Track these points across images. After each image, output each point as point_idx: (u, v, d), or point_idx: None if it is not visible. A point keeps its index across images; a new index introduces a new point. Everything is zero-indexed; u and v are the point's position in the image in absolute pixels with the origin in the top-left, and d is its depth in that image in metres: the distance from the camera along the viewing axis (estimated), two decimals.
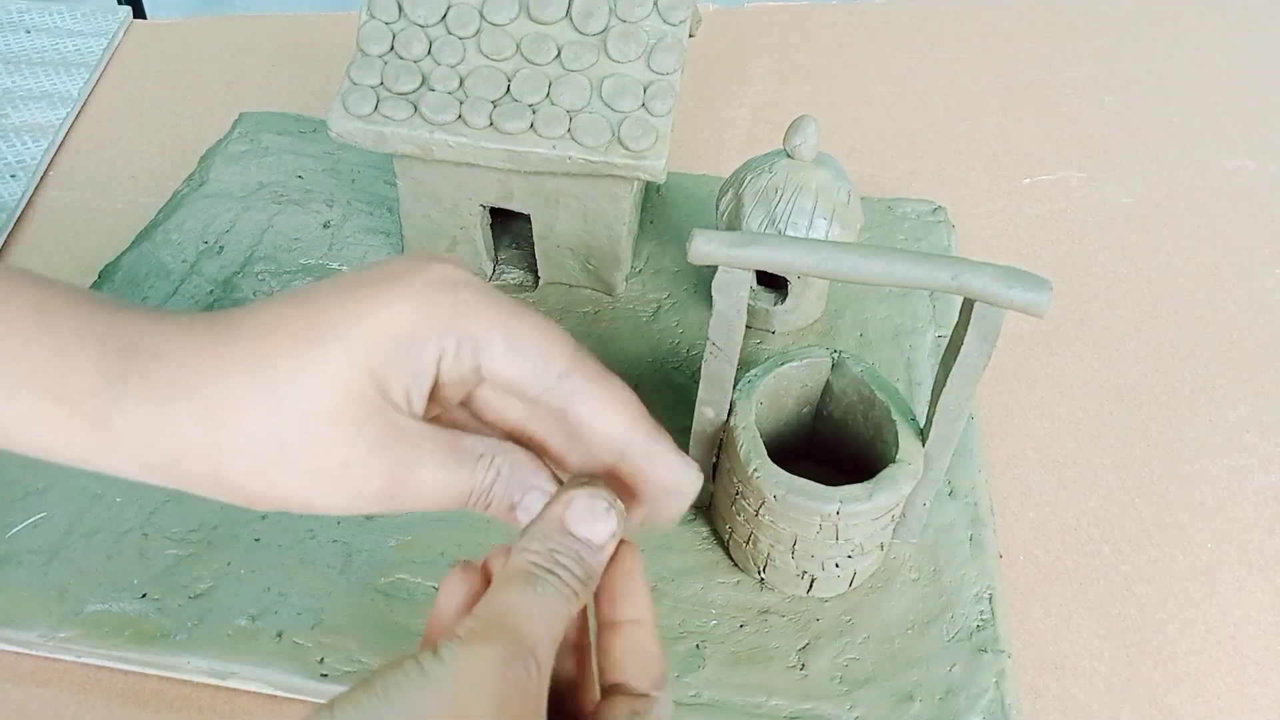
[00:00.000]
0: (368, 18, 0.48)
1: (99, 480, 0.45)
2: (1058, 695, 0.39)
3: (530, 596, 0.26)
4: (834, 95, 0.77)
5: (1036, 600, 0.42)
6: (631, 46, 0.47)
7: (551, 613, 0.26)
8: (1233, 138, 0.72)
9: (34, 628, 0.39)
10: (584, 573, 0.27)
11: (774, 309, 0.52)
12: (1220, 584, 0.43)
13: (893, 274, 0.34)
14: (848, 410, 0.42)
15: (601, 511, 0.28)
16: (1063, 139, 0.72)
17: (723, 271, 0.36)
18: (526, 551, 0.27)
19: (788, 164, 0.48)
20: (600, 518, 0.28)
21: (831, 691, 0.38)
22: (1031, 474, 0.48)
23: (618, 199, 0.50)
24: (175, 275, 0.56)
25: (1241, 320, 0.56)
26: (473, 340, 0.27)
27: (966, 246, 0.61)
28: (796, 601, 0.41)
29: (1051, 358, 0.54)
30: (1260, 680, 0.40)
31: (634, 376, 0.51)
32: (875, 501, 0.37)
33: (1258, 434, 0.50)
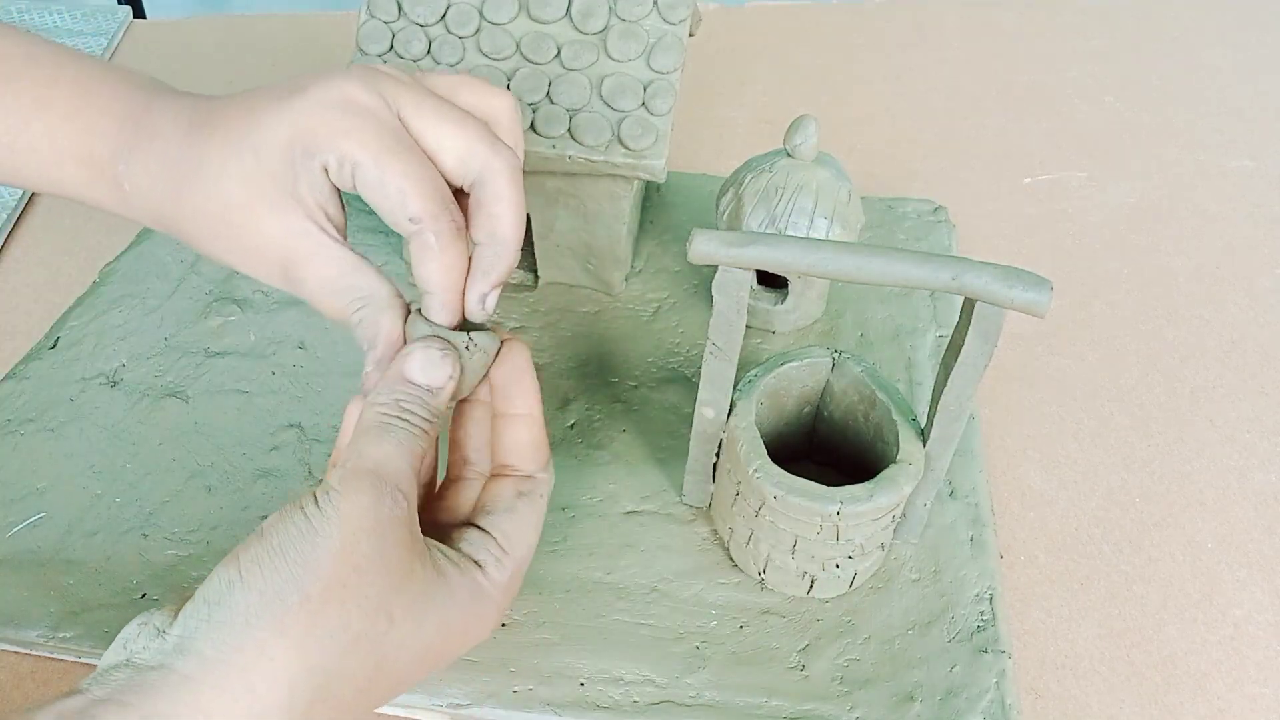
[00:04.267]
0: (367, 17, 0.48)
1: (99, 480, 0.45)
2: (1058, 695, 0.39)
3: (387, 442, 0.30)
4: (834, 95, 0.77)
5: (1037, 600, 0.42)
6: (631, 46, 0.47)
7: (407, 451, 0.30)
8: (1233, 138, 0.72)
9: (34, 628, 0.39)
10: (429, 413, 0.31)
11: (774, 309, 0.52)
12: (1220, 584, 0.43)
13: (893, 274, 0.34)
14: (848, 410, 0.42)
15: (436, 359, 0.32)
16: (1063, 139, 0.72)
17: (723, 271, 0.36)
18: (376, 405, 0.31)
19: (788, 163, 0.48)
20: (435, 364, 0.32)
21: (832, 692, 0.38)
22: (1032, 474, 0.48)
23: (618, 198, 0.50)
24: (175, 275, 0.56)
25: (1241, 320, 0.56)
26: (351, 162, 0.32)
27: (967, 246, 0.61)
28: (797, 602, 0.41)
29: (1051, 358, 0.54)
30: (1260, 680, 0.40)
31: (634, 376, 0.51)
32: (876, 502, 0.37)
33: (1258, 434, 0.50)
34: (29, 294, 0.56)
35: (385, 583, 0.28)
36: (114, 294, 0.54)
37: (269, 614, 0.26)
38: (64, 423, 0.47)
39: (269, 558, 0.27)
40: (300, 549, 0.27)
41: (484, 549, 0.32)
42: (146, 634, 0.27)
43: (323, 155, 0.32)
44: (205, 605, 0.27)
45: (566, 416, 0.49)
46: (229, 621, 0.26)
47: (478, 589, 0.31)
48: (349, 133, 0.32)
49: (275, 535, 0.28)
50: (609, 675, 0.38)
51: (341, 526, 0.28)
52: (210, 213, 0.33)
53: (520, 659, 0.39)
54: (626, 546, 0.43)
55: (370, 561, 0.28)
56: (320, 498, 0.28)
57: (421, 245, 0.32)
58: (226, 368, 0.50)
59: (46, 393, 0.49)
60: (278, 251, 0.33)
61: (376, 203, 0.32)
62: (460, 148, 0.33)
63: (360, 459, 0.29)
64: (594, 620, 0.40)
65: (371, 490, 0.28)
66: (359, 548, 0.28)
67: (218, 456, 0.46)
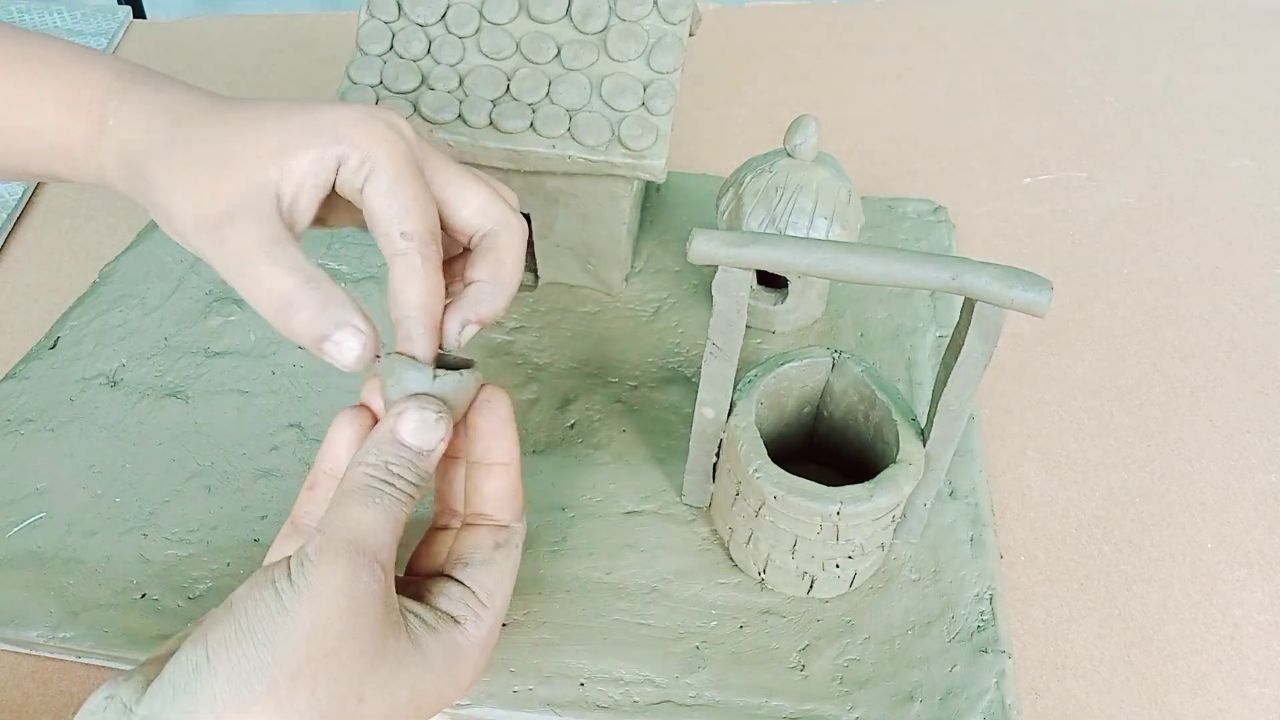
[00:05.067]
0: (367, 17, 0.48)
1: (99, 480, 0.45)
2: (1058, 695, 0.39)
3: (371, 510, 0.29)
4: (834, 95, 0.77)
5: (1037, 600, 0.42)
6: (631, 45, 0.47)
7: (390, 519, 0.29)
8: (1233, 138, 0.72)
9: (34, 628, 0.39)
10: (417, 477, 0.30)
11: (774, 309, 0.52)
12: (1220, 584, 0.43)
13: (893, 274, 0.34)
14: (848, 410, 0.42)
15: (431, 422, 0.31)
16: (1063, 139, 0.72)
17: (723, 271, 0.36)
18: (363, 465, 0.30)
19: (788, 163, 0.48)
20: (430, 427, 0.31)
21: (832, 692, 0.38)
22: (1032, 474, 0.48)
23: (618, 198, 0.50)
24: (175, 275, 0.56)
25: (1241, 320, 0.56)
26: (371, 164, 0.32)
27: (967, 246, 0.61)
28: (797, 602, 0.41)
29: (1051, 358, 0.54)
30: (1260, 680, 0.40)
31: (634, 376, 0.51)
32: (876, 502, 0.37)
33: (1258, 434, 0.50)
34: (29, 294, 0.56)
35: (357, 664, 0.27)
36: (114, 294, 0.54)
37: (235, 703, 0.26)
38: (64, 423, 0.47)
39: (237, 640, 0.26)
40: (269, 631, 0.26)
41: (463, 604, 0.31)
42: (113, 708, 0.26)
43: (346, 148, 0.32)
44: (171, 689, 0.26)
45: (566, 416, 0.49)
46: (194, 710, 0.26)
47: (455, 649, 0.31)
48: (380, 141, 0.32)
49: (245, 615, 0.27)
50: (609, 675, 0.38)
51: (314, 606, 0.27)
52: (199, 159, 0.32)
53: (520, 659, 0.39)
54: (626, 546, 0.43)
55: (342, 642, 0.27)
56: (294, 570, 0.27)
57: (408, 265, 0.32)
58: (226, 368, 0.50)
59: (46, 393, 0.49)
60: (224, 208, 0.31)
61: (377, 210, 0.32)
62: (482, 200, 0.34)
63: (340, 527, 0.29)
64: (594, 620, 0.40)
65: (349, 564, 0.28)
66: (331, 628, 0.27)
67: (218, 456, 0.46)
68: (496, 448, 0.34)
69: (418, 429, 0.30)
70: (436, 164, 0.34)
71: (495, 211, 0.35)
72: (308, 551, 0.28)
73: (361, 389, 0.35)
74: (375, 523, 0.29)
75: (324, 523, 0.29)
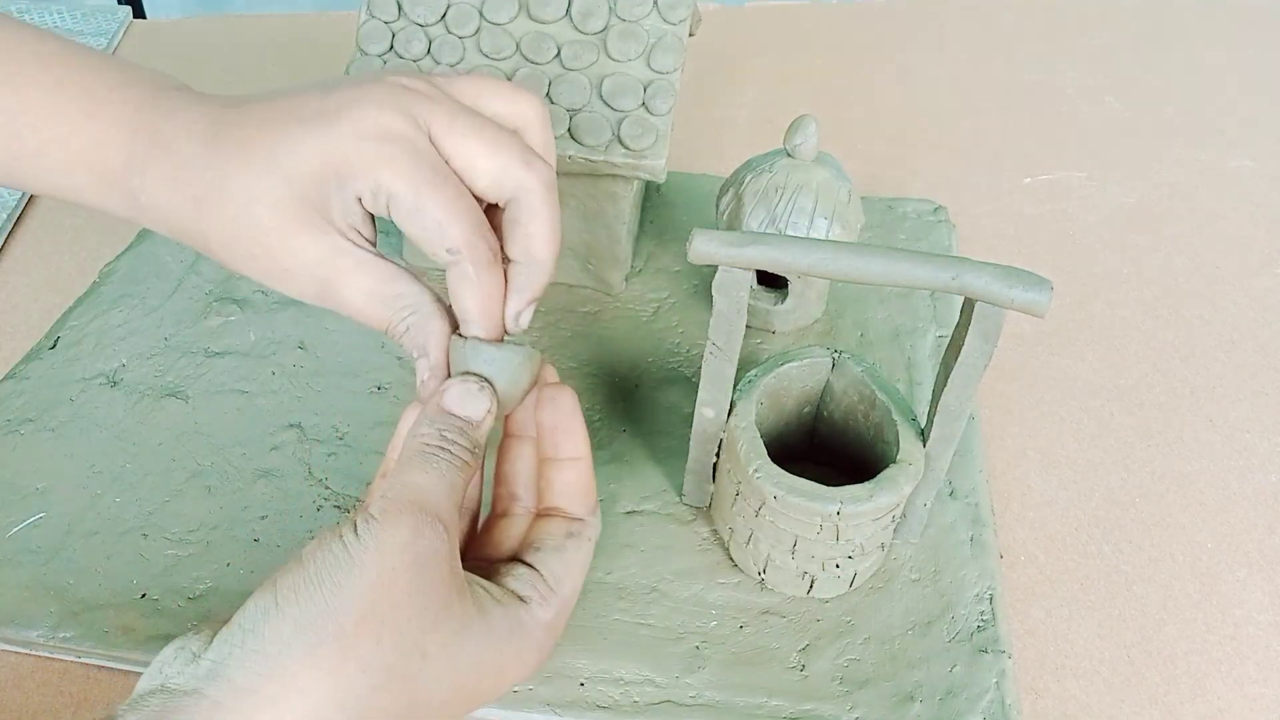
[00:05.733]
0: (367, 17, 0.48)
1: (99, 480, 0.45)
2: (1058, 695, 0.39)
3: (430, 473, 0.30)
4: (834, 95, 0.77)
5: (1037, 600, 0.42)
6: (631, 45, 0.47)
7: (449, 483, 0.30)
8: (1233, 138, 0.72)
9: (34, 628, 0.39)
10: (470, 443, 0.31)
11: (774, 309, 0.52)
12: (1220, 584, 0.43)
13: (894, 274, 0.34)
14: (848, 410, 0.42)
15: (474, 392, 0.32)
16: (1063, 139, 0.72)
17: (723, 271, 0.36)
18: (419, 435, 0.31)
19: (788, 163, 0.48)
20: (473, 397, 0.32)
21: (832, 692, 0.38)
22: (1032, 474, 0.48)
23: (618, 198, 0.50)
24: (175, 275, 0.56)
25: (1241, 320, 0.56)
26: (386, 193, 0.32)
27: (967, 246, 0.61)
28: (797, 602, 0.41)
29: (1051, 358, 0.54)
30: (1260, 680, 0.40)
31: (634, 376, 0.51)
32: (876, 502, 0.37)
33: (1258, 434, 0.50)
34: (29, 294, 0.56)
35: (421, 618, 0.28)
36: (114, 294, 0.54)
37: (302, 644, 0.26)
38: (64, 423, 0.47)
39: (305, 586, 0.27)
40: (337, 579, 0.27)
41: (530, 585, 0.32)
42: (182, 658, 0.27)
43: (358, 185, 0.32)
44: (240, 631, 0.26)
45: None
46: (261, 650, 0.26)
47: (520, 625, 0.31)
48: (385, 162, 0.31)
49: (313, 563, 0.27)
50: (609, 675, 0.38)
51: (380, 558, 0.27)
52: (240, 235, 0.33)
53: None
54: (626, 546, 0.43)
55: (407, 596, 0.27)
56: (360, 526, 0.28)
57: (460, 275, 0.32)
58: (226, 368, 0.50)
59: (46, 393, 0.49)
60: (314, 271, 0.33)
61: (413, 233, 0.32)
62: (494, 168, 0.33)
63: (402, 489, 0.29)
64: (594, 620, 0.40)
65: (411, 522, 0.28)
66: (397, 581, 0.27)
67: (218, 456, 0.46)
68: (565, 442, 0.35)
69: (462, 398, 0.32)
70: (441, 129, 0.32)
71: (509, 179, 0.33)
72: (371, 511, 0.28)
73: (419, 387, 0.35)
74: (434, 485, 0.29)
75: (385, 488, 0.29)
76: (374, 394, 0.49)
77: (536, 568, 0.33)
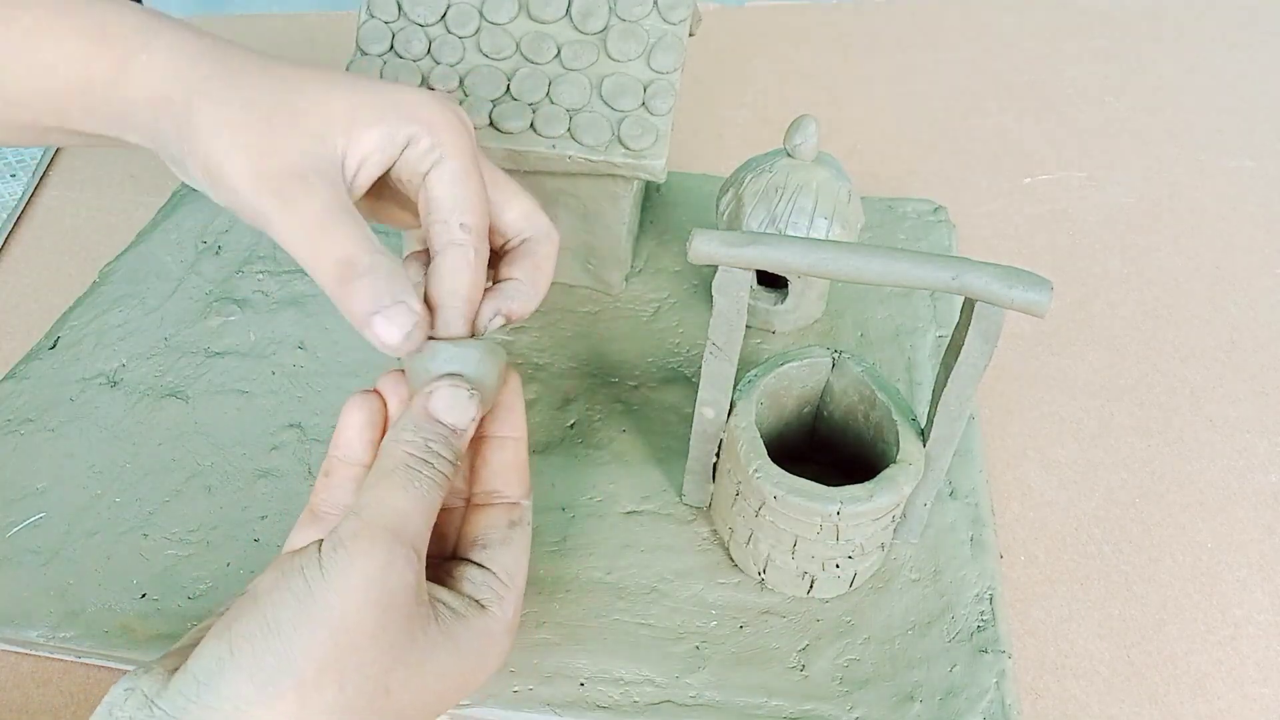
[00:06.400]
0: (367, 17, 0.48)
1: (99, 480, 0.45)
2: (1058, 696, 0.39)
3: (411, 492, 0.28)
4: (834, 95, 0.77)
5: (1037, 600, 0.42)
6: (631, 45, 0.47)
7: (428, 504, 0.29)
8: (1233, 138, 0.72)
9: (34, 628, 0.39)
10: (453, 455, 0.30)
11: (774, 309, 0.52)
12: (1220, 584, 0.43)
13: (893, 274, 0.34)
14: (848, 410, 0.42)
15: (464, 399, 0.31)
16: (1063, 139, 0.72)
17: (723, 271, 0.36)
18: (401, 442, 0.30)
19: (788, 163, 0.48)
20: (464, 405, 0.31)
21: (832, 692, 0.38)
22: (1032, 474, 0.48)
23: (618, 198, 0.50)
24: (175, 275, 0.56)
25: (1241, 320, 0.56)
26: (441, 150, 0.31)
27: (967, 246, 0.61)
28: (797, 602, 0.41)
29: (1051, 358, 0.54)
30: (1260, 680, 0.40)
31: (634, 376, 0.51)
32: (876, 502, 0.37)
33: (1258, 434, 0.50)
34: (29, 294, 0.56)
35: (385, 658, 0.27)
36: (114, 294, 0.54)
37: (261, 699, 0.25)
38: (64, 423, 0.47)
39: (262, 634, 0.25)
40: (296, 624, 0.25)
41: (486, 587, 0.31)
42: (134, 701, 0.26)
43: (417, 130, 0.31)
44: (194, 684, 0.25)
45: (566, 416, 0.49)
46: (218, 706, 0.25)
47: (485, 634, 0.30)
48: (451, 129, 0.32)
49: (270, 605, 0.26)
50: (609, 675, 0.38)
51: (344, 597, 0.26)
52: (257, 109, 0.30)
53: (520, 659, 0.39)
54: (626, 546, 0.43)
55: (371, 638, 0.26)
56: (326, 556, 0.26)
57: (462, 256, 0.32)
58: (226, 368, 0.50)
59: (46, 393, 0.49)
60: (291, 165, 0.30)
61: (442, 196, 0.32)
62: (527, 207, 0.35)
63: (378, 510, 0.28)
64: (594, 620, 0.40)
65: (385, 552, 0.27)
66: (362, 623, 0.26)
67: (218, 456, 0.46)
68: (507, 421, 0.34)
69: (451, 404, 0.30)
70: (486, 164, 0.34)
71: (539, 220, 0.35)
72: (341, 535, 0.27)
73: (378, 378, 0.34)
74: (414, 507, 0.28)
75: (360, 504, 0.28)
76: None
77: (489, 567, 0.32)
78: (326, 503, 0.33)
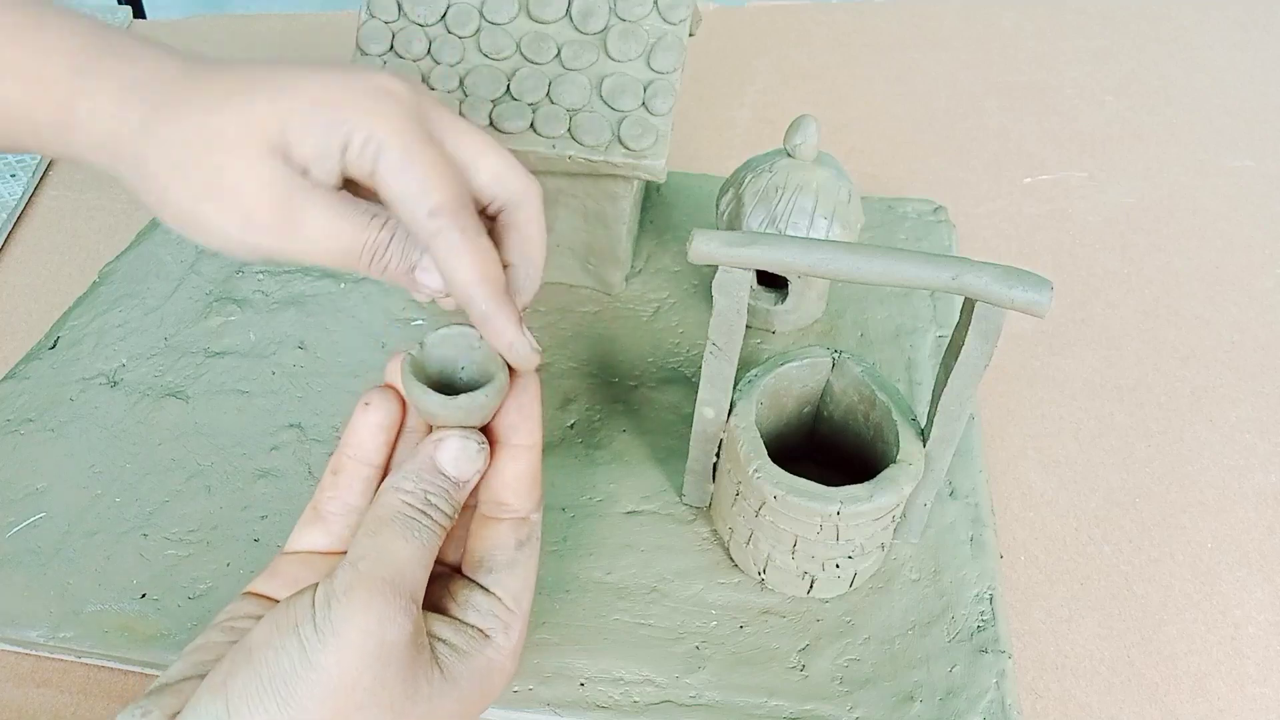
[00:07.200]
0: (367, 17, 0.48)
1: (99, 480, 0.45)
2: (1058, 696, 0.39)
3: (409, 544, 0.27)
4: (834, 95, 0.77)
5: (1037, 600, 0.42)
6: (631, 45, 0.47)
7: (427, 556, 0.28)
8: (1233, 138, 0.72)
9: (34, 628, 0.39)
10: (452, 509, 0.29)
11: (774, 309, 0.52)
12: (1220, 584, 0.43)
13: (893, 274, 0.34)
14: (848, 410, 0.42)
15: (473, 453, 0.29)
16: (1063, 139, 0.72)
17: (723, 271, 0.36)
18: (400, 491, 0.29)
19: (788, 163, 0.48)
20: (471, 459, 0.29)
21: (832, 692, 0.38)
22: (1032, 474, 0.48)
23: (618, 198, 0.50)
24: (175, 275, 0.56)
25: (1241, 320, 0.56)
26: (377, 143, 0.29)
27: (967, 246, 0.61)
28: (797, 602, 0.41)
29: (1052, 358, 0.54)
30: (1260, 680, 0.40)
31: (634, 376, 0.51)
32: (876, 502, 0.37)
33: (1258, 434, 0.50)
34: (29, 294, 0.56)
35: (386, 713, 0.26)
36: (114, 294, 0.54)
37: None
38: (64, 423, 0.47)
39: (258, 694, 0.25)
40: (293, 685, 0.25)
41: (491, 615, 0.30)
42: None
43: (348, 129, 0.29)
44: None
45: (566, 416, 0.49)
46: None
47: (488, 667, 0.29)
48: (381, 115, 0.29)
49: (266, 664, 0.25)
50: (609, 675, 0.38)
51: (340, 656, 0.25)
52: (191, 157, 0.29)
53: (520, 659, 0.39)
54: (626, 546, 0.43)
55: (371, 695, 0.25)
56: (319, 614, 0.25)
57: (447, 244, 0.29)
58: (226, 368, 0.50)
59: (46, 393, 0.49)
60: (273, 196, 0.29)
61: (397, 190, 0.29)
62: (496, 166, 0.32)
63: (375, 561, 0.27)
64: (594, 620, 0.40)
65: (382, 606, 0.26)
66: (360, 681, 0.25)
67: (218, 456, 0.46)
68: (523, 428, 0.31)
69: (459, 458, 0.29)
70: (444, 123, 0.31)
71: (513, 179, 0.32)
72: (336, 589, 0.26)
73: (385, 368, 0.32)
74: (411, 558, 0.27)
75: (356, 554, 0.27)
76: None
77: (494, 592, 0.30)
78: (333, 502, 0.32)
